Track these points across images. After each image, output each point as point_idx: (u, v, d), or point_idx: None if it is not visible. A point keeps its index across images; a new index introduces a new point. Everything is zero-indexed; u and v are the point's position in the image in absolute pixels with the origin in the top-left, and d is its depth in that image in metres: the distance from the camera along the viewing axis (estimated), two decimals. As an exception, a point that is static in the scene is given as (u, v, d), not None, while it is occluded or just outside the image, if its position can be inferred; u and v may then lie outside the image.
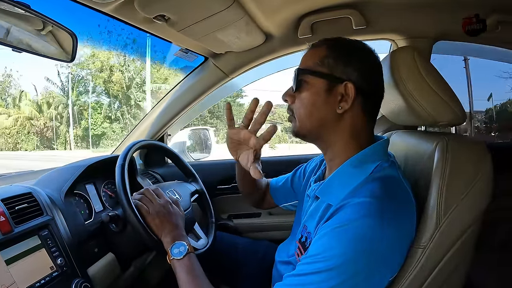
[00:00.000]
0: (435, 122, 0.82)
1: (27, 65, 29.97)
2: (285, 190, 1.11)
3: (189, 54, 1.40)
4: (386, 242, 0.62)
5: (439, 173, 0.71)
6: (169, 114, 1.58)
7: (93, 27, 22.20)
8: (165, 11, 0.95)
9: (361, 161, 0.74)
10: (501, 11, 1.19)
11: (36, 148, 22.06)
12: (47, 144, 22.63)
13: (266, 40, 1.34)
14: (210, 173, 1.62)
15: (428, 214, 0.70)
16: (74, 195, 1.02)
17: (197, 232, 1.12)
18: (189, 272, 0.79)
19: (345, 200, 0.66)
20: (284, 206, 1.14)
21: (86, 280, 0.84)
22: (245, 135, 0.87)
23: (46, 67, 26.24)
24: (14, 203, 0.83)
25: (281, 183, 1.13)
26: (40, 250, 0.81)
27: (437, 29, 1.26)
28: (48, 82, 22.75)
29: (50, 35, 0.94)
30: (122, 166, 0.93)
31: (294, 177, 1.10)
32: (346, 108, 0.73)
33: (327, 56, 0.74)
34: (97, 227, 0.99)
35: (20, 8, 0.80)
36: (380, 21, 1.27)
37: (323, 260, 0.61)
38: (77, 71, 22.56)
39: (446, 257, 0.70)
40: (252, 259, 1.18)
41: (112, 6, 0.90)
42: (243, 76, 1.52)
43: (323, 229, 0.65)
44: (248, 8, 1.05)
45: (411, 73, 0.80)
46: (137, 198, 0.93)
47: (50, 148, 22.30)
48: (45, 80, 23.54)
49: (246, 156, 0.88)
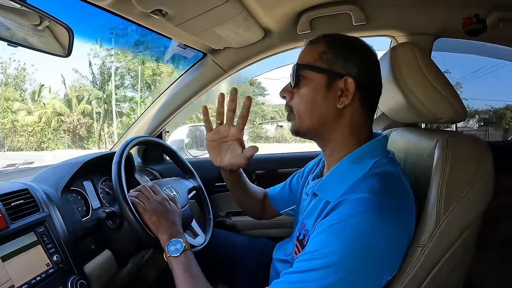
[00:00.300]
0: (435, 119, 0.81)
1: (43, 59, 27.95)
2: (284, 196, 1.11)
3: (188, 50, 1.39)
4: (385, 239, 0.62)
5: (439, 171, 0.70)
6: (168, 110, 1.58)
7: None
8: (162, 5, 0.94)
9: (360, 157, 0.73)
10: (502, 8, 1.18)
11: (68, 147, 20.47)
12: (79, 143, 21.11)
13: (265, 36, 1.33)
14: (208, 170, 1.61)
15: (428, 212, 0.70)
16: (71, 191, 1.02)
17: (195, 229, 1.11)
18: (185, 269, 0.79)
19: (343, 196, 0.66)
20: (284, 212, 1.13)
21: (82, 277, 0.84)
22: (224, 129, 0.90)
23: (70, 59, 25.34)
24: (10, 199, 0.82)
25: (279, 189, 1.13)
26: (36, 247, 0.80)
27: (438, 26, 1.25)
28: (77, 74, 21.43)
29: (47, 30, 0.94)
30: (118, 163, 0.93)
31: (292, 182, 1.10)
32: (346, 103, 0.72)
33: (326, 52, 0.74)
34: (94, 224, 0.99)
35: (16, 3, 0.79)
36: (380, 17, 1.26)
37: (320, 257, 0.61)
38: (113, 61, 20.98)
39: (445, 256, 0.69)
40: (250, 257, 1.17)
41: (109, 1, 0.89)
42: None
43: (321, 226, 0.65)
44: (246, 3, 1.04)
45: (412, 69, 0.79)
46: (134, 195, 0.92)
47: (82, 147, 20.80)
48: (74, 72, 22.17)
49: (232, 154, 0.90)
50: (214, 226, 1.17)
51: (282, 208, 1.13)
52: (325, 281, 0.59)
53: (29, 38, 0.91)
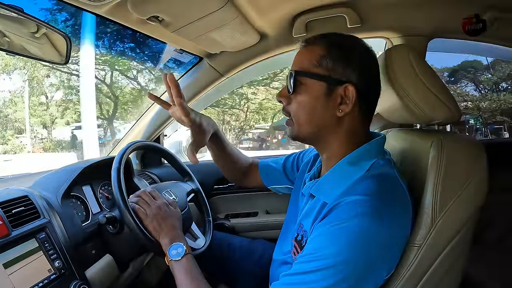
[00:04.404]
0: (430, 120, 0.82)
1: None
2: (276, 172, 1.12)
3: (184, 54, 1.39)
4: (382, 240, 0.62)
5: (434, 171, 0.71)
6: (165, 114, 1.58)
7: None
8: (159, 12, 0.94)
9: (358, 158, 0.73)
10: (497, 8, 1.19)
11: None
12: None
13: (261, 40, 1.34)
14: (207, 173, 1.61)
15: (423, 212, 0.71)
16: (71, 197, 1.02)
17: (195, 232, 1.12)
18: (187, 273, 0.80)
19: (341, 197, 0.66)
20: (273, 188, 1.14)
21: (84, 282, 0.84)
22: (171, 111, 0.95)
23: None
24: (11, 206, 0.83)
25: (273, 164, 1.14)
26: (37, 253, 0.81)
27: (432, 26, 1.26)
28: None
29: (45, 38, 0.94)
30: (118, 169, 0.93)
31: (287, 162, 1.10)
32: (346, 111, 0.72)
33: (325, 56, 0.72)
34: (94, 229, 0.99)
35: (13, 12, 0.80)
36: (374, 19, 1.27)
37: (319, 259, 0.61)
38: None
39: (442, 255, 0.70)
40: (249, 259, 1.18)
41: (106, 8, 0.89)
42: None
43: (319, 228, 0.65)
44: (242, 8, 1.05)
45: (406, 72, 0.79)
46: (134, 201, 0.92)
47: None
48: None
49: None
50: (213, 228, 1.18)
51: (271, 183, 1.14)
52: (324, 283, 0.59)
53: (27, 46, 0.91)
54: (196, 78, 1.50)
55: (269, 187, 1.16)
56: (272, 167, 1.14)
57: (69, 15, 9.48)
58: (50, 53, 0.96)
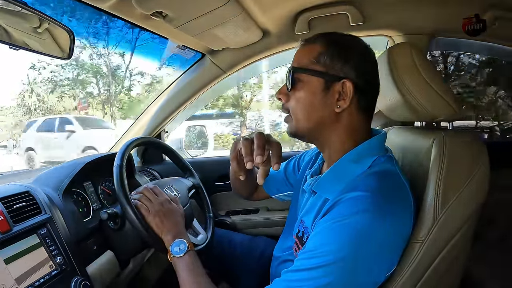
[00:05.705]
0: (432, 117, 0.82)
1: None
2: (278, 180, 1.11)
3: (186, 50, 1.39)
4: (384, 236, 0.62)
5: (436, 169, 0.71)
6: (166, 111, 1.58)
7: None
8: (163, 7, 0.94)
9: (359, 155, 0.73)
10: (498, 7, 1.19)
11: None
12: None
13: (263, 37, 1.34)
14: (208, 169, 1.62)
15: (425, 209, 0.71)
16: (72, 193, 1.02)
17: (196, 228, 1.12)
18: (189, 269, 0.80)
19: (342, 194, 0.66)
20: (276, 197, 1.13)
21: (85, 278, 0.84)
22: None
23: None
24: (12, 202, 0.83)
25: (274, 173, 1.12)
26: (39, 249, 0.81)
27: (435, 25, 1.26)
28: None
29: (47, 33, 0.94)
30: (120, 166, 0.92)
31: (287, 167, 1.09)
32: (344, 107, 0.72)
33: (323, 53, 0.73)
34: (95, 225, 0.99)
35: (16, 5, 0.79)
36: (377, 17, 1.27)
37: (320, 255, 0.61)
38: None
39: (443, 252, 0.70)
40: (251, 255, 1.18)
41: (110, 3, 0.90)
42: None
43: (320, 224, 0.65)
44: (245, 4, 1.05)
45: (408, 69, 0.80)
46: (136, 197, 0.92)
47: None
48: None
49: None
50: (215, 224, 1.18)
51: (274, 192, 1.13)
52: (325, 279, 0.60)
53: (29, 40, 0.91)
54: (198, 75, 1.50)
55: (272, 197, 1.14)
56: (272, 175, 1.12)
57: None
58: (53, 48, 0.96)
